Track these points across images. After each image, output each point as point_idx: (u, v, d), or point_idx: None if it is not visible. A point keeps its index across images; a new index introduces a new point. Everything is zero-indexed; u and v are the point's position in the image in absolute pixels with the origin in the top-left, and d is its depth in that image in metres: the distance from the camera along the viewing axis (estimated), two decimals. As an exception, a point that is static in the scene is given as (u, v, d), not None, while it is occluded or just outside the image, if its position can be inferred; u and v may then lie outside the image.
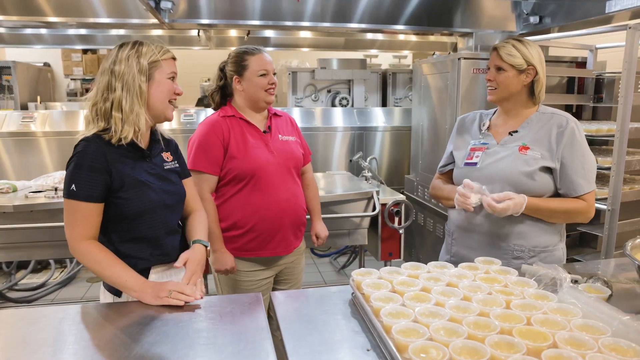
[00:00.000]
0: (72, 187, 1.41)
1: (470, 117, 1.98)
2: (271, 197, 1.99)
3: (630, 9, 2.55)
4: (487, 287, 1.32)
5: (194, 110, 4.56)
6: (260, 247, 2.03)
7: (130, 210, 1.47)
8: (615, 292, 1.42)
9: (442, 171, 2.01)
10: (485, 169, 1.78)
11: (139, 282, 1.44)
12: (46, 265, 4.42)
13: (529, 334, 1.07)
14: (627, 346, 1.01)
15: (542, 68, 1.75)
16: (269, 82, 1.99)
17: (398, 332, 1.08)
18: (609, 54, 3.40)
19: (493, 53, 1.80)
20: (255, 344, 1.19)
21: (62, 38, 5.01)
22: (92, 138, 1.45)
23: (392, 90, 5.11)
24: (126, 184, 1.46)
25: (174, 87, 1.55)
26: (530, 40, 1.77)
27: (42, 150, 4.14)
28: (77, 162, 1.42)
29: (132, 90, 1.45)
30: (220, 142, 1.97)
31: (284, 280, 2.20)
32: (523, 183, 1.70)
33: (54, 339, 1.23)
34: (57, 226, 2.72)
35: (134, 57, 1.46)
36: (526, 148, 1.73)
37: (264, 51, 2.04)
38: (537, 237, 1.74)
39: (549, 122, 1.75)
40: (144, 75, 1.47)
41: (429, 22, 3.36)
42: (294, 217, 2.06)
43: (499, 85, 1.78)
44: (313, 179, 2.31)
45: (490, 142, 1.83)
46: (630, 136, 2.50)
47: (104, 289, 1.56)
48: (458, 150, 1.92)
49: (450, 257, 1.91)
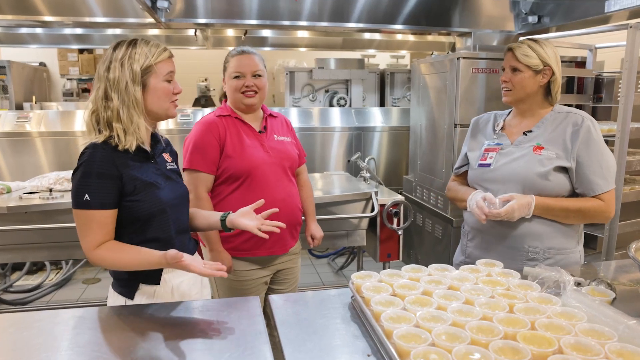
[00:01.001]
0: (86, 197, 1.37)
1: (485, 118, 1.96)
2: (266, 197, 1.97)
3: (629, 9, 2.54)
4: (490, 290, 1.30)
5: (191, 110, 4.53)
6: (256, 246, 2.02)
7: (142, 212, 1.46)
8: (619, 294, 1.40)
9: (457, 173, 2.00)
10: (499, 170, 1.76)
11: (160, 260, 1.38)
12: (41, 266, 4.38)
13: (533, 339, 1.05)
14: (634, 351, 0.99)
15: (558, 68, 1.73)
16: (244, 84, 1.98)
17: (399, 337, 1.06)
18: (607, 54, 3.39)
19: (508, 54, 1.76)
20: (254, 349, 1.17)
21: (58, 37, 4.97)
22: (99, 145, 1.42)
23: (390, 90, 5.09)
24: (137, 187, 1.44)
25: (172, 87, 1.51)
26: (546, 40, 1.74)
27: (37, 151, 4.10)
28: (84, 170, 1.39)
29: (126, 101, 1.41)
30: (217, 141, 1.96)
31: (281, 280, 2.19)
32: (538, 183, 1.68)
33: (48, 345, 1.20)
34: (52, 227, 2.69)
35: (127, 63, 1.41)
36: (541, 148, 1.71)
37: (250, 52, 2.02)
38: (552, 238, 1.72)
39: (564, 121, 1.73)
40: (138, 84, 1.43)
41: (427, 21, 3.34)
42: (289, 216, 2.06)
43: (514, 86, 1.75)
44: (308, 180, 2.31)
45: (504, 143, 1.81)
46: (630, 136, 2.48)
47: (115, 291, 1.54)
48: (472, 152, 1.91)
49: (465, 258, 1.89)
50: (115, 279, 1.54)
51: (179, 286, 1.57)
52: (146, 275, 1.50)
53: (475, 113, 3.21)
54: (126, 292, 1.50)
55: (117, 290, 1.53)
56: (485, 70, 3.18)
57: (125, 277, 1.50)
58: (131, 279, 1.50)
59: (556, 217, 1.70)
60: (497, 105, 3.20)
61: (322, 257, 4.77)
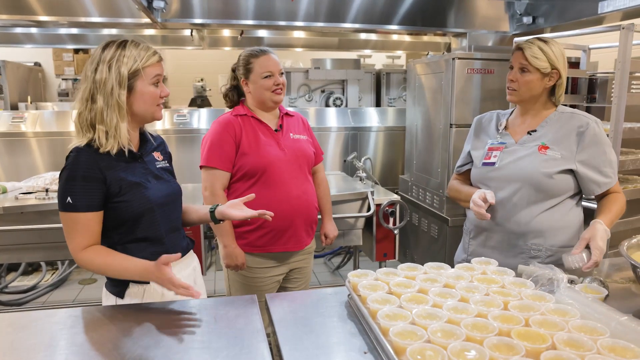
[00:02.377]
0: (68, 200, 1.38)
1: (487, 117, 1.97)
2: (282, 193, 2.01)
3: (622, 10, 2.57)
4: (485, 288, 1.31)
5: (187, 110, 4.53)
6: (271, 242, 2.04)
7: (130, 212, 1.46)
8: (611, 291, 1.42)
9: (460, 171, 2.01)
10: (503, 169, 1.78)
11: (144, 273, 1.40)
12: (37, 267, 4.37)
13: (527, 336, 1.06)
14: (625, 347, 1.01)
15: (565, 71, 1.74)
16: (274, 83, 2.02)
17: (396, 335, 1.07)
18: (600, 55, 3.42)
19: (517, 53, 1.75)
20: (251, 347, 1.18)
21: (53, 37, 4.95)
22: (83, 148, 1.42)
23: (386, 90, 5.11)
24: (123, 188, 1.44)
25: (159, 91, 1.49)
26: (554, 40, 1.74)
27: (33, 151, 4.09)
28: (69, 174, 1.39)
29: (110, 103, 1.41)
30: (233, 139, 2.00)
31: (294, 279, 2.21)
32: (543, 182, 1.70)
33: (45, 344, 1.21)
34: (48, 228, 2.68)
35: (115, 65, 1.40)
36: (546, 147, 1.72)
37: (271, 52, 2.06)
38: (554, 236, 1.74)
39: (569, 123, 1.74)
40: (123, 87, 1.41)
41: (423, 22, 3.36)
42: (305, 213, 2.08)
43: (520, 87, 1.75)
44: (325, 178, 2.33)
45: (508, 142, 1.82)
46: (623, 136, 2.51)
47: (107, 291, 1.55)
48: (476, 150, 1.91)
49: (468, 256, 1.91)
50: (108, 279, 1.54)
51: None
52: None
53: (471, 113, 3.24)
54: (117, 291, 1.51)
55: (109, 289, 1.54)
56: (481, 70, 3.20)
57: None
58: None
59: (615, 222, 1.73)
60: (492, 105, 3.22)
61: (319, 256, 4.78)
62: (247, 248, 2.05)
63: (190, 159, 4.06)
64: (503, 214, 1.76)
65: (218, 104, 6.06)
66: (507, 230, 1.77)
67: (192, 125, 4.30)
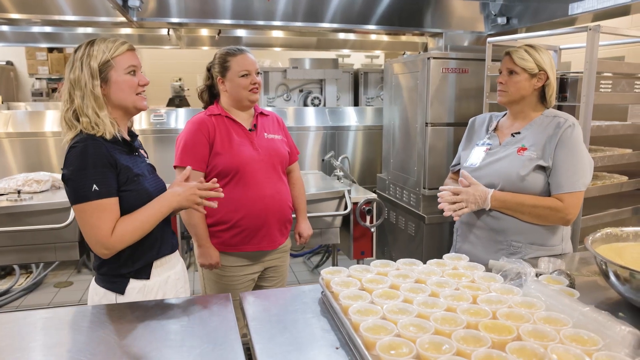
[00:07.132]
0: (94, 188, 1.38)
1: (481, 119, 2.05)
2: (255, 193, 2.02)
3: (592, 12, 2.64)
4: (455, 283, 1.34)
5: (165, 110, 4.48)
6: (244, 241, 2.05)
7: (133, 203, 1.47)
8: (579, 284, 1.46)
9: (453, 170, 2.11)
10: (483, 169, 1.85)
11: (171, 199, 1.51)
12: (10, 271, 4.27)
13: (494, 328, 1.09)
14: (586, 336, 1.04)
15: (553, 73, 1.81)
16: (251, 82, 2.03)
17: (366, 330, 1.09)
18: (574, 55, 3.50)
19: (506, 57, 1.84)
20: (225, 344, 1.18)
21: (26, 36, 4.84)
22: (86, 138, 1.43)
23: (364, 89, 5.14)
24: (129, 178, 1.47)
25: (137, 80, 1.52)
26: (541, 47, 1.83)
27: (5, 152, 4.00)
28: (80, 164, 1.39)
29: (86, 96, 1.44)
30: (206, 138, 2.00)
31: (270, 277, 2.21)
32: (518, 183, 1.75)
33: (17, 346, 1.19)
34: (20, 230, 2.63)
35: (86, 61, 1.44)
36: (524, 149, 1.79)
37: (247, 51, 2.07)
38: (534, 233, 1.78)
39: (550, 124, 1.80)
40: (96, 79, 1.44)
41: (400, 22, 3.40)
42: (278, 213, 2.09)
43: (510, 88, 1.83)
44: (300, 177, 2.34)
45: (494, 143, 1.90)
46: (592, 134, 2.57)
47: (101, 287, 1.52)
48: (464, 151, 2.01)
49: (455, 252, 1.95)
50: (101, 275, 1.53)
51: (167, 281, 1.60)
52: (137, 271, 1.52)
53: (446, 112, 3.29)
54: (116, 287, 1.51)
55: (105, 285, 1.52)
56: (456, 70, 3.25)
57: (114, 272, 1.51)
58: (121, 274, 1.51)
59: (513, 211, 1.76)
60: (467, 104, 3.28)
61: (298, 255, 4.79)
62: (220, 247, 2.05)
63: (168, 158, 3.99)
64: (485, 211, 1.82)
65: (196, 103, 6.00)
66: (489, 226, 1.84)
67: (169, 125, 4.26)
